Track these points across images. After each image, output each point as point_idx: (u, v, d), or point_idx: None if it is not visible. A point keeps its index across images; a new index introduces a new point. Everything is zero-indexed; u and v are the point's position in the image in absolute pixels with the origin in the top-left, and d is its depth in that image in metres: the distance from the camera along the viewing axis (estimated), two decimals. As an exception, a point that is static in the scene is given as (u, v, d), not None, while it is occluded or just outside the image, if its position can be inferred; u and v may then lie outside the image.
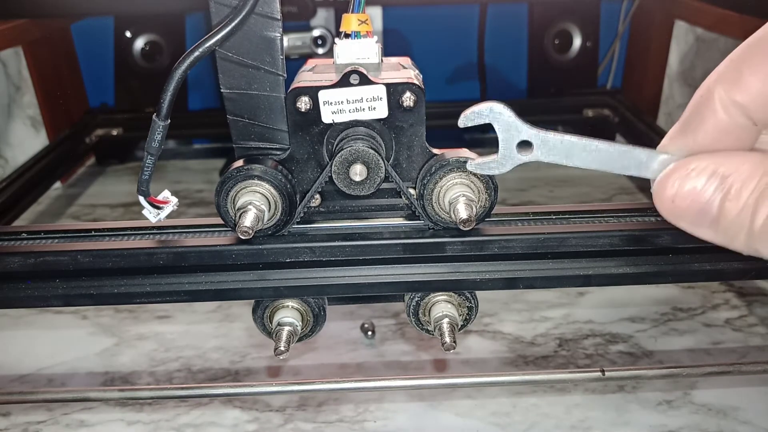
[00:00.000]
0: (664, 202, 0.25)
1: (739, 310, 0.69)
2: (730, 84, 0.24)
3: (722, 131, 0.25)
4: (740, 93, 0.24)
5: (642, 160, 0.28)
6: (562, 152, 0.30)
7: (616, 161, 0.29)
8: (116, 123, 1.11)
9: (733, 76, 0.24)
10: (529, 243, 0.37)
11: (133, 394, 0.49)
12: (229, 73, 0.35)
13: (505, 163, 0.32)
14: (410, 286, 0.38)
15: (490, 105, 0.31)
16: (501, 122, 0.31)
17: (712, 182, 0.24)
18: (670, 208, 0.25)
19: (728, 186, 0.23)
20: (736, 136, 0.25)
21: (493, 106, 0.31)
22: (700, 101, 0.25)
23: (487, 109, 0.31)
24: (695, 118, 0.26)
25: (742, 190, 0.23)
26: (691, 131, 0.26)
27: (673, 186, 0.25)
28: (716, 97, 0.25)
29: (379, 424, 0.55)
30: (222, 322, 0.69)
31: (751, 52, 0.24)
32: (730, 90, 0.24)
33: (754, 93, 0.24)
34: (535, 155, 0.31)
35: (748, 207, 0.23)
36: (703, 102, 0.25)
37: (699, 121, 0.25)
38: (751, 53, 0.24)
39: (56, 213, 0.98)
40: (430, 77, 0.41)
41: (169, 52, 1.14)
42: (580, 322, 0.68)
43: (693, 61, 1.06)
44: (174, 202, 0.38)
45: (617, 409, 0.56)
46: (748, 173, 0.23)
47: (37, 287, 0.38)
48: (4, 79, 0.99)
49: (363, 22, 0.36)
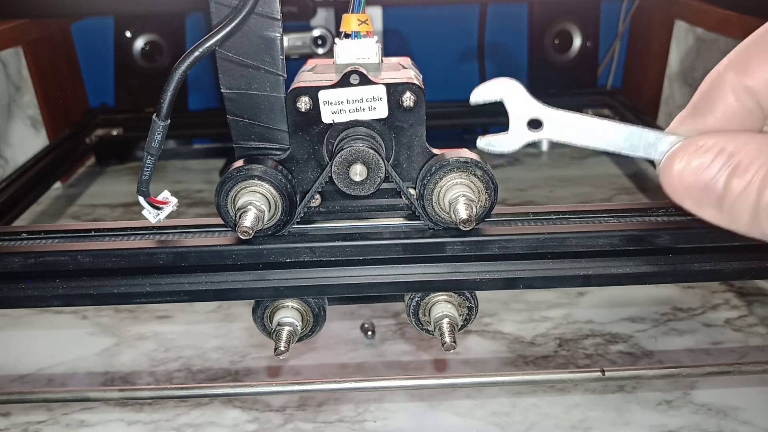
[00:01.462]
0: (670, 177, 0.26)
1: (739, 310, 0.69)
2: (741, 69, 0.25)
3: (731, 115, 0.25)
4: (751, 78, 0.25)
5: (651, 141, 0.28)
6: (572, 131, 0.30)
7: (625, 141, 0.29)
8: (116, 123, 1.11)
9: (745, 62, 0.25)
10: (529, 243, 0.37)
11: (133, 394, 0.49)
12: (229, 73, 0.35)
13: (515, 140, 0.32)
14: (410, 286, 0.38)
15: (502, 80, 0.31)
16: (512, 98, 0.31)
17: (720, 159, 0.24)
18: (675, 184, 0.25)
19: (735, 163, 0.24)
20: (744, 120, 0.25)
21: (505, 80, 0.31)
22: (711, 85, 0.26)
23: (499, 83, 0.31)
24: (705, 102, 0.26)
25: (749, 167, 0.23)
26: (701, 115, 0.26)
27: (681, 161, 0.25)
28: (727, 82, 0.25)
29: (379, 424, 0.55)
30: (222, 322, 0.69)
31: (763, 39, 0.25)
32: (741, 75, 0.25)
33: (764, 79, 0.24)
34: (545, 133, 0.31)
35: (754, 184, 0.23)
36: (714, 86, 0.26)
37: (708, 105, 0.26)
38: (762, 40, 0.25)
39: (56, 213, 0.98)
40: (430, 77, 0.41)
41: (169, 52, 1.14)
42: (580, 322, 0.68)
43: (693, 61, 1.06)
44: (174, 202, 0.38)
45: (617, 409, 0.56)
46: (755, 152, 0.23)
47: (37, 287, 0.38)
48: (4, 79, 0.99)
49: (363, 22, 0.36)
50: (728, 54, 0.26)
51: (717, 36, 0.98)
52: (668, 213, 0.39)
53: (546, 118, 0.31)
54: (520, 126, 0.31)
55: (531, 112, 0.31)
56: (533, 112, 0.31)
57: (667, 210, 0.39)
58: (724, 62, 0.25)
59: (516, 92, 0.31)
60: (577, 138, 0.30)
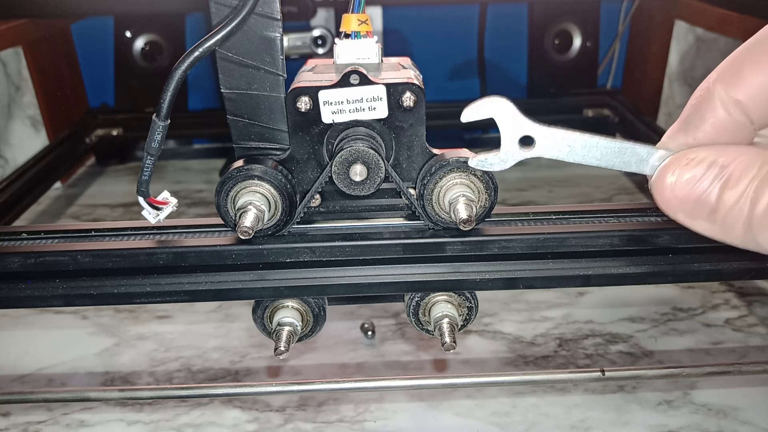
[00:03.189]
0: (662, 191, 0.25)
1: (739, 310, 0.69)
2: (730, 83, 0.25)
3: (721, 129, 0.25)
4: (740, 92, 0.25)
5: (642, 156, 0.28)
6: (564, 148, 0.31)
7: (617, 157, 0.29)
8: (116, 123, 1.11)
9: (733, 75, 0.25)
10: (529, 243, 0.37)
11: (133, 394, 0.49)
12: (229, 73, 0.35)
13: (507, 159, 0.32)
14: (410, 286, 0.38)
15: (493, 99, 0.31)
16: (503, 117, 0.31)
17: (712, 171, 0.24)
18: (668, 198, 0.25)
19: (728, 175, 0.24)
20: (734, 133, 0.25)
21: (496, 99, 0.31)
22: (700, 99, 0.26)
23: (490, 102, 0.31)
24: (695, 115, 0.26)
25: (742, 179, 0.23)
26: (691, 129, 0.26)
27: (673, 175, 0.25)
28: (716, 96, 0.25)
29: (379, 424, 0.55)
30: (222, 322, 0.69)
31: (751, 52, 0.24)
32: (730, 88, 0.25)
33: (753, 92, 0.24)
34: (537, 151, 0.31)
35: (748, 195, 0.23)
36: (703, 100, 0.26)
37: (698, 118, 0.26)
38: (751, 53, 0.24)
39: (56, 213, 0.98)
40: (430, 77, 0.41)
41: (169, 52, 1.14)
42: (580, 322, 0.68)
43: (693, 61, 1.06)
44: (173, 203, 0.38)
45: (617, 409, 0.56)
46: (747, 163, 0.23)
47: (37, 287, 0.38)
48: (4, 79, 0.99)
49: (363, 22, 0.36)
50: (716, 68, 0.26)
51: (717, 36, 0.98)
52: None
53: (537, 136, 0.31)
54: (511, 144, 0.31)
55: (522, 130, 0.31)
56: (524, 129, 0.31)
57: (667, 210, 0.39)
58: (713, 75, 0.25)
59: (506, 110, 0.31)
60: (569, 155, 0.31)
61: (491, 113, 0.31)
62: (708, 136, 0.26)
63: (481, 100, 0.31)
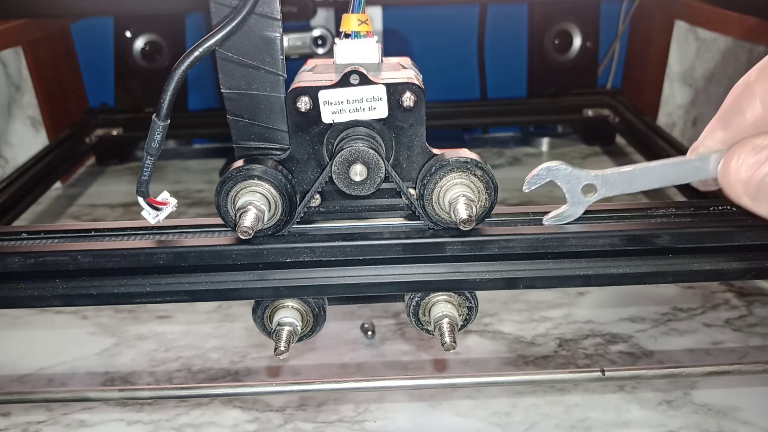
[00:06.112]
0: (728, 176, 0.27)
1: (739, 310, 0.69)
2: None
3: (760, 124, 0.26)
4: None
5: (697, 165, 0.30)
6: (624, 183, 0.34)
7: (674, 174, 0.32)
8: (116, 123, 1.11)
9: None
10: (529, 243, 0.37)
11: (133, 394, 0.49)
12: (229, 73, 0.35)
13: (577, 210, 0.36)
14: (410, 286, 0.38)
15: (547, 165, 0.35)
16: (561, 177, 0.35)
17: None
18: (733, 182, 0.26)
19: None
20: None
21: (550, 165, 0.35)
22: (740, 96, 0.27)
23: (545, 169, 0.35)
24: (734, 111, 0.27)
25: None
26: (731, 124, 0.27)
27: (738, 159, 0.26)
28: (756, 92, 0.26)
29: (379, 424, 0.55)
30: (222, 322, 0.69)
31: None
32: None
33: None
34: (601, 194, 0.35)
35: None
36: (743, 97, 0.26)
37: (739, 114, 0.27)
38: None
39: (56, 213, 0.98)
40: (430, 77, 0.41)
41: (169, 52, 1.14)
42: (580, 322, 0.68)
43: (693, 61, 1.06)
44: (173, 203, 0.38)
45: (617, 409, 0.56)
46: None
47: (37, 287, 0.38)
48: (4, 79, 0.99)
49: (363, 22, 0.36)
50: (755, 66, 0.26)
51: (717, 36, 0.98)
52: (668, 213, 0.39)
53: (597, 182, 0.34)
54: (576, 196, 0.35)
55: (581, 181, 0.34)
56: (583, 180, 0.34)
57: (667, 210, 0.39)
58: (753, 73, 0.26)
59: (561, 171, 0.35)
60: (631, 187, 0.34)
61: (549, 177, 0.35)
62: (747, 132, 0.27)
63: (537, 169, 0.34)
